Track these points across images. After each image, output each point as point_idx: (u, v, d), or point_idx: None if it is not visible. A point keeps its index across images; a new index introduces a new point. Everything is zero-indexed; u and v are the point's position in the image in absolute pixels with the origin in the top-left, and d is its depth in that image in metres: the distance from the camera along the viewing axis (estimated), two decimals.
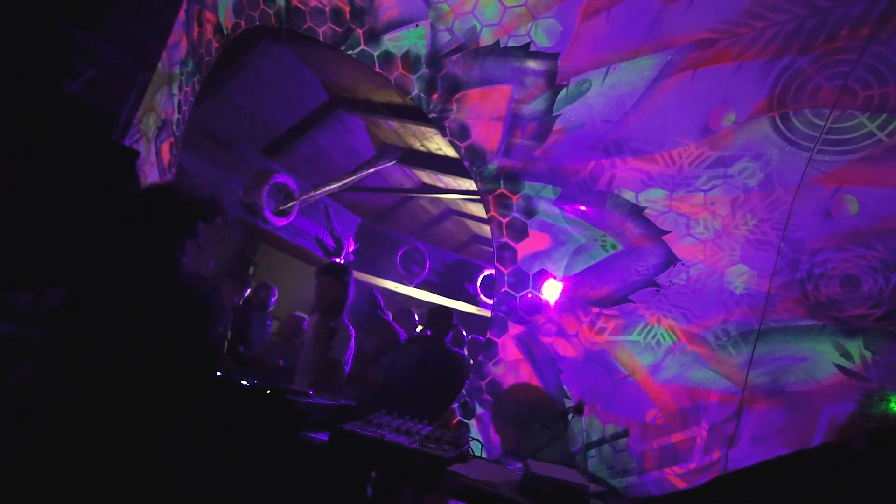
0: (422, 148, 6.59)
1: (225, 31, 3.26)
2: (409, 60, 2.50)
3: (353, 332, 3.11)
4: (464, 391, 2.46)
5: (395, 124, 6.08)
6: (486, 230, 8.73)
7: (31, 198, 2.41)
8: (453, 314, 3.72)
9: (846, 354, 1.89)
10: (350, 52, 2.63)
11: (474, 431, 2.40)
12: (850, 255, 1.88)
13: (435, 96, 2.48)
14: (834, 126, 1.87)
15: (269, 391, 2.19)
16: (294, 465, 2.62)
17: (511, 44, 2.33)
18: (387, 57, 2.54)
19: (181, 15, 3.49)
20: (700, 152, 2.10)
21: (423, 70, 2.48)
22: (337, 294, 3.16)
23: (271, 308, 4.78)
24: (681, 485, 2.08)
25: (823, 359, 1.92)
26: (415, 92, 2.52)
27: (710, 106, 2.08)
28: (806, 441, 1.89)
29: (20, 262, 2.34)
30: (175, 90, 3.50)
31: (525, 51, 2.31)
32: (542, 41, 2.28)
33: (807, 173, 1.92)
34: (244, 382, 2.30)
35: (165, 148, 3.52)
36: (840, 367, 1.89)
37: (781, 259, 1.99)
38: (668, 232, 2.18)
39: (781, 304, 2.00)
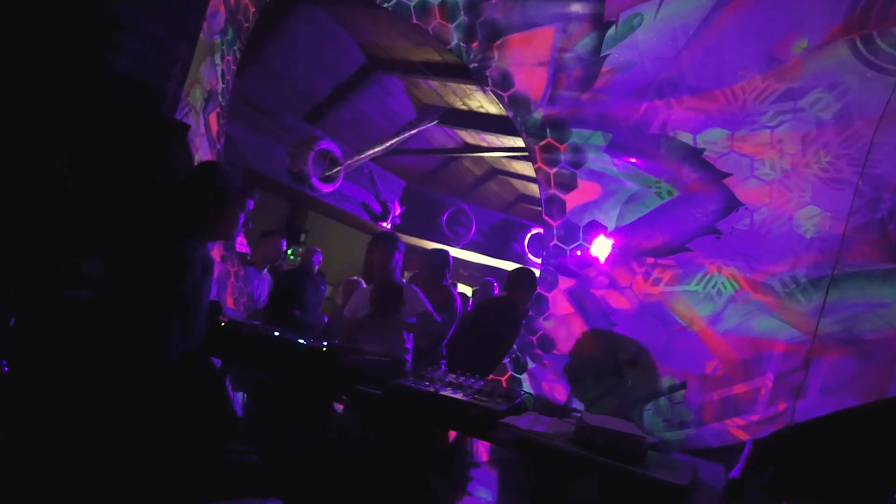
0: (463, 106, 6.46)
1: None
2: (447, 8, 2.40)
3: (419, 292, 3.16)
4: (515, 346, 2.45)
5: (434, 83, 5.97)
6: (532, 189, 8.58)
7: (92, 174, 2.53)
8: (534, 277, 3.65)
9: None
10: (386, 5, 2.55)
11: (526, 386, 2.40)
12: None
13: (475, 45, 2.38)
14: None
15: (324, 349, 2.27)
16: (350, 418, 2.73)
17: None
18: (423, 6, 2.45)
19: None
20: (766, 85, 1.93)
21: (462, 17, 2.38)
22: (384, 260, 3.19)
23: (316, 269, 4.90)
24: (742, 436, 2.01)
25: None
26: (454, 42, 2.42)
27: (778, 33, 1.89)
28: (882, 391, 1.77)
29: (87, 233, 2.48)
30: (217, 60, 3.53)
31: None
32: None
33: (892, 101, 1.73)
34: (301, 341, 2.38)
35: (213, 119, 3.59)
36: None
37: (859, 198, 1.83)
38: (729, 175, 2.04)
39: (858, 248, 1.84)
